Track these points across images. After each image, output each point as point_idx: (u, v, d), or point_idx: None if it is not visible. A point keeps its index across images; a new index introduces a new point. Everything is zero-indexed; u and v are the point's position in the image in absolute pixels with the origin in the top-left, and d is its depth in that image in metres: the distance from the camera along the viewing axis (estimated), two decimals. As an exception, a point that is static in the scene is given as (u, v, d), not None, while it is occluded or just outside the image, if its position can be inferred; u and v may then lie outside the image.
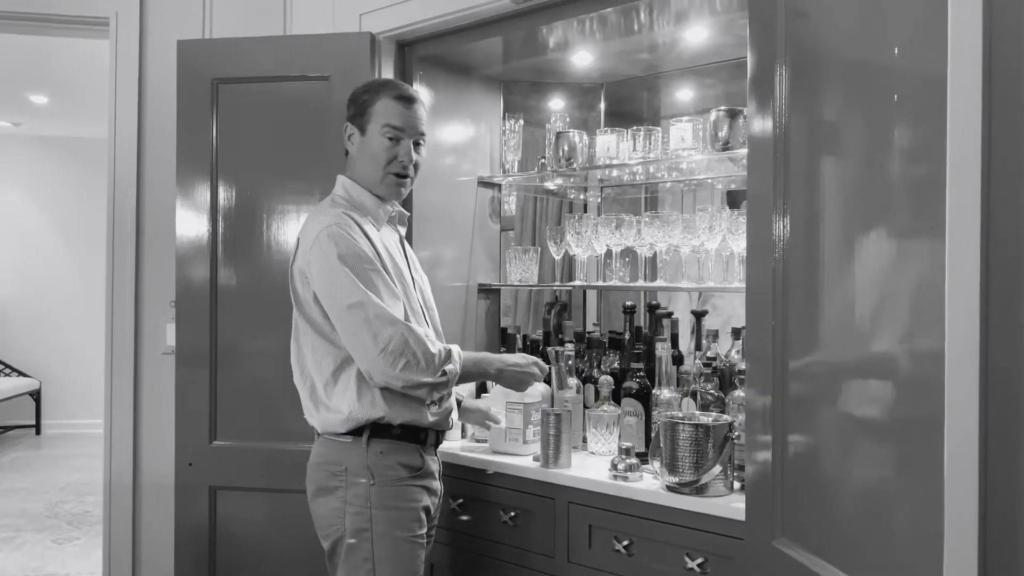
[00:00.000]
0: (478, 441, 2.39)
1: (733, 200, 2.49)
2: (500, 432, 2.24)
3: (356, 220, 1.85)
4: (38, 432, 7.24)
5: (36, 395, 7.23)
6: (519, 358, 2.01)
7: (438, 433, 1.95)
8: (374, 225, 1.91)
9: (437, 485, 1.95)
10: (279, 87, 2.49)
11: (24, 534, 4.43)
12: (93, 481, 5.47)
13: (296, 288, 1.89)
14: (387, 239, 1.94)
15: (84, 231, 7.15)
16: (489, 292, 2.88)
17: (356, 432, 1.83)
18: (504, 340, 2.73)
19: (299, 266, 1.86)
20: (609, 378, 2.28)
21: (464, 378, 1.89)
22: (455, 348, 1.86)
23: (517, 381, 1.99)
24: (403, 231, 2.07)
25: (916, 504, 1.10)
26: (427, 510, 1.90)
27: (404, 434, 1.86)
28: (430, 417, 1.88)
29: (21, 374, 7.25)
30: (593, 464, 2.14)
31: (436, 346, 1.79)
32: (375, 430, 1.83)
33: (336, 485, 1.84)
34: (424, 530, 1.88)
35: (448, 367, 1.80)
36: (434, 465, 1.94)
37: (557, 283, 2.72)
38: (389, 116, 1.88)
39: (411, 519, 1.85)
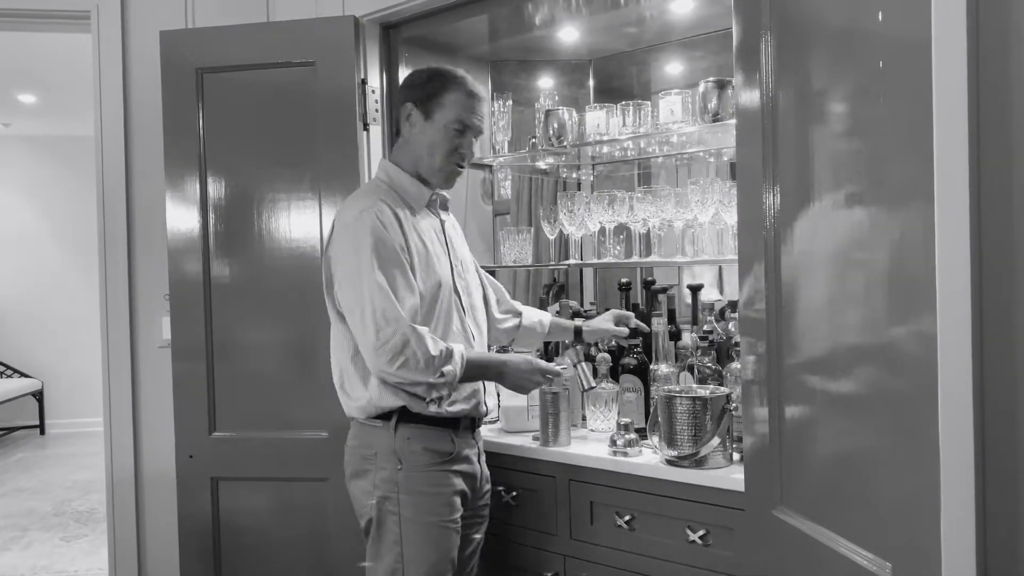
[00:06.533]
0: (490, 423, 2.39)
1: (730, 172, 2.47)
2: (516, 412, 2.27)
3: (391, 206, 1.85)
4: (42, 432, 7.25)
5: (39, 395, 7.23)
6: (524, 364, 1.93)
7: (473, 418, 1.95)
8: (411, 211, 1.91)
9: (473, 468, 1.94)
10: (264, 75, 2.47)
11: (32, 533, 4.45)
12: (99, 479, 5.48)
13: (325, 274, 1.90)
14: (423, 225, 1.93)
15: (79, 230, 7.11)
16: (484, 274, 2.86)
17: (386, 416, 1.84)
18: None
19: (329, 252, 1.88)
20: (607, 355, 2.28)
21: (466, 379, 1.85)
22: (458, 348, 1.82)
23: (518, 385, 1.94)
24: (445, 215, 2.05)
25: (910, 470, 1.09)
26: (462, 494, 1.89)
27: (434, 419, 1.85)
28: (430, 409, 1.86)
29: (23, 375, 7.25)
30: (593, 441, 2.15)
31: (437, 348, 1.77)
32: (403, 415, 1.84)
33: (367, 468, 1.87)
34: (456, 514, 1.87)
35: (446, 368, 1.77)
36: (469, 449, 1.93)
37: (552, 262, 2.70)
38: (461, 111, 1.89)
39: (441, 504, 1.84)
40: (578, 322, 2.27)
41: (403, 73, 2.61)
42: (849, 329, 1.28)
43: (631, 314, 2.26)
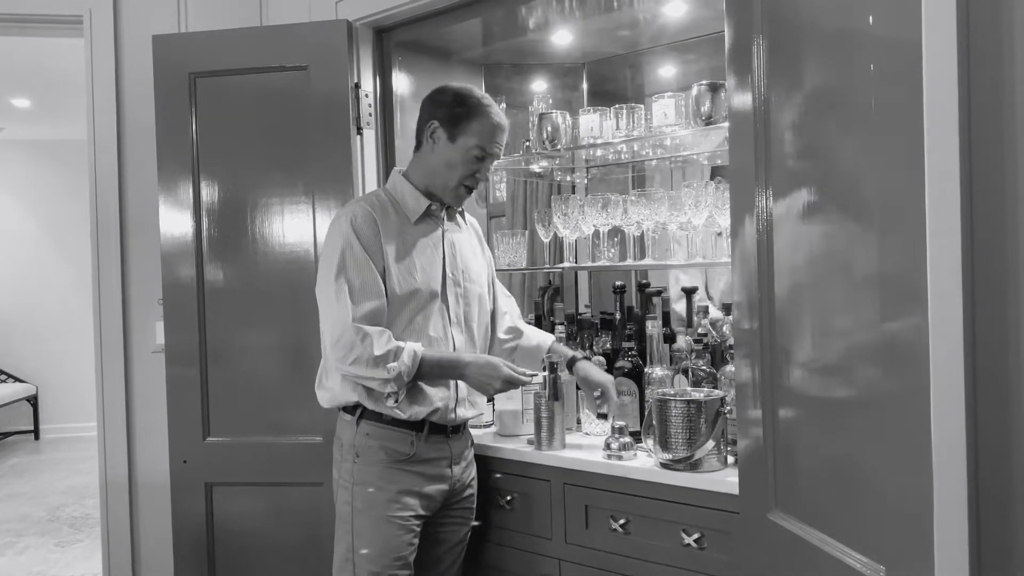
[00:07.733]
0: (484, 426, 2.38)
1: (714, 174, 2.47)
2: (511, 416, 2.27)
3: (373, 212, 1.93)
4: (37, 437, 7.23)
5: (33, 400, 7.21)
6: (487, 366, 1.92)
7: (444, 426, 1.97)
8: (402, 220, 1.97)
9: (442, 473, 1.98)
10: (257, 79, 2.47)
11: (26, 539, 4.43)
12: (93, 484, 5.46)
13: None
14: (415, 234, 1.98)
15: (74, 234, 7.09)
16: (479, 277, 2.85)
17: (351, 411, 1.95)
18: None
19: None
20: (601, 358, 2.27)
21: (425, 376, 1.89)
22: (410, 346, 1.87)
23: (481, 384, 1.94)
24: (452, 225, 2.07)
25: (903, 472, 1.09)
26: (419, 495, 1.93)
27: (395, 420, 1.92)
28: (399, 413, 1.91)
29: (17, 380, 7.23)
30: (588, 445, 2.14)
31: (385, 347, 1.84)
32: (366, 412, 1.93)
33: (337, 458, 2.01)
34: (407, 512, 1.91)
35: (392, 364, 1.83)
36: (436, 454, 1.96)
37: (547, 266, 2.70)
38: (485, 139, 1.95)
39: (389, 500, 1.90)
40: (579, 355, 2.19)
41: (396, 77, 2.62)
42: (842, 332, 1.28)
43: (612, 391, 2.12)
